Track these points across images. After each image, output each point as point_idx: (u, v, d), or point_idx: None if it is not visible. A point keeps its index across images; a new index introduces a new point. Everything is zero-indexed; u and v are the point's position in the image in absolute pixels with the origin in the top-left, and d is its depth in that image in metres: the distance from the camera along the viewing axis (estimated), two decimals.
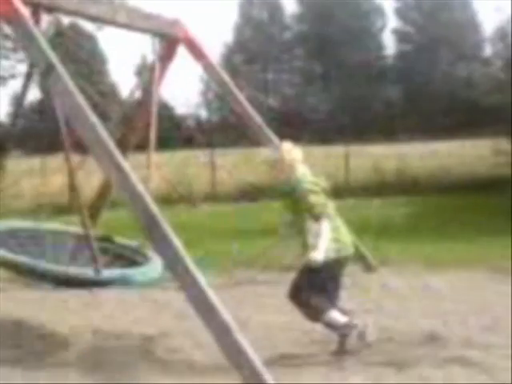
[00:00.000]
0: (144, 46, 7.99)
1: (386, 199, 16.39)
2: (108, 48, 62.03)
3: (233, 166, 21.10)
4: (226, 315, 3.90)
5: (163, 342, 6.15)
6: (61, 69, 4.33)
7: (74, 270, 6.09)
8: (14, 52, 17.84)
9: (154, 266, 6.92)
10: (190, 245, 4.74)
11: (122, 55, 71.28)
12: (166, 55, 7.84)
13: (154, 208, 4.09)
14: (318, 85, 66.10)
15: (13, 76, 19.23)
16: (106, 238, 7.72)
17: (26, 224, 7.71)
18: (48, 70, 4.36)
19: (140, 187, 4.14)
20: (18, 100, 6.03)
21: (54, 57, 4.38)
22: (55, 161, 19.17)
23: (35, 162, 20.20)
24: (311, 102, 65.05)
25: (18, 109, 6.02)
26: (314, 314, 5.63)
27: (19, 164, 19.85)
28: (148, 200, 4.11)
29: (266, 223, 13.36)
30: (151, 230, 4.07)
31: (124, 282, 6.36)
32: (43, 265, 6.04)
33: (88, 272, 6.00)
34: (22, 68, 18.40)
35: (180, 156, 24.00)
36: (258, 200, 17.32)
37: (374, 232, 10.55)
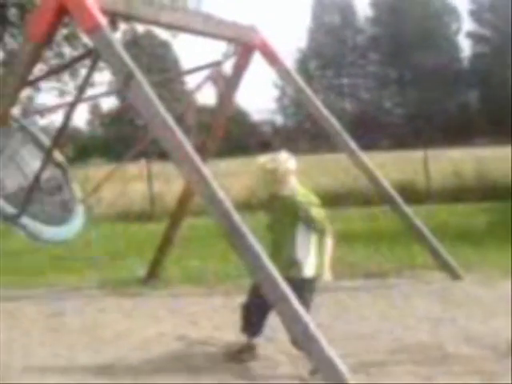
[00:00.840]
0: (218, 53, 8.02)
1: (466, 204, 16.00)
2: (182, 55, 62.90)
3: (309, 171, 20.99)
4: (311, 322, 3.84)
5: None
6: (140, 77, 4.36)
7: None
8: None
9: (69, 229, 6.81)
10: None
11: (197, 62, 71.97)
12: (242, 62, 7.84)
13: (235, 214, 4.07)
14: (392, 89, 65.55)
15: (92, 84, 19.53)
16: (60, 166, 7.46)
17: None
18: (128, 79, 4.39)
19: (220, 193, 4.13)
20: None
21: (133, 65, 4.41)
22: (135, 168, 19.56)
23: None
24: (387, 106, 64.57)
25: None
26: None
27: (101, 171, 20.29)
28: (228, 206, 4.10)
29: (343, 230, 13.25)
30: (232, 235, 4.06)
31: (32, 235, 6.19)
32: None
33: (9, 210, 5.88)
34: (101, 77, 18.72)
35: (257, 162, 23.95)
36: (334, 206, 17.19)
37: (455, 238, 10.33)
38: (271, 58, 7.91)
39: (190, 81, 76.62)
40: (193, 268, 9.42)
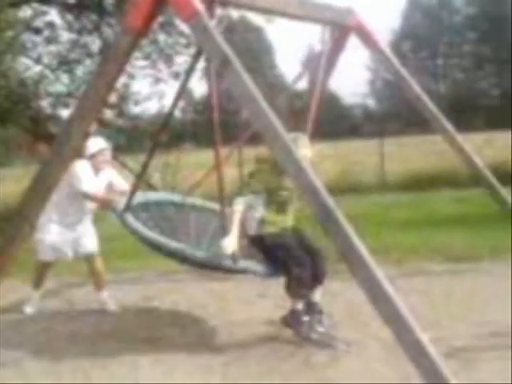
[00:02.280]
0: (311, 36, 7.96)
1: None
2: (274, 38, 62.78)
3: (400, 154, 20.78)
4: (403, 307, 3.84)
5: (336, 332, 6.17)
6: (237, 63, 4.42)
7: (211, 258, 6.01)
8: (186, 48, 18.38)
9: None
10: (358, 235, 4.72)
11: (288, 45, 71.84)
12: (337, 45, 7.77)
13: (328, 197, 4.09)
14: (489, 69, 63.81)
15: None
16: None
17: (169, 197, 7.68)
18: (224, 64, 4.45)
19: (314, 177, 4.15)
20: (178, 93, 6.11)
21: (229, 51, 4.47)
22: (226, 153, 19.72)
23: (207, 154, 20.73)
24: (482, 86, 62.93)
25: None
26: None
27: (192, 157, 20.60)
28: (322, 190, 4.12)
29: (434, 213, 13.10)
30: (326, 221, 4.08)
31: (258, 274, 6.16)
32: (175, 245, 6.05)
33: (226, 261, 5.80)
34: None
35: (348, 146, 23.92)
36: (428, 189, 16.99)
37: None
38: (367, 40, 7.81)
39: (282, 65, 76.65)
40: None
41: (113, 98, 20.18)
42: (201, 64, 5.86)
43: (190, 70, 6.03)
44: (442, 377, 3.76)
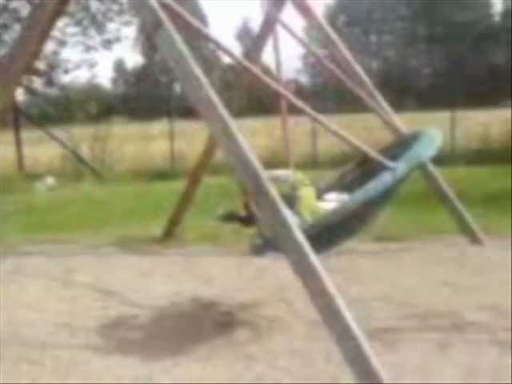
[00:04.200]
0: (245, 8, 7.83)
1: (491, 167, 15.55)
2: (208, 10, 62.40)
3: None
4: (330, 284, 3.79)
5: (261, 310, 6.10)
6: (169, 25, 4.27)
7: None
8: (119, 15, 18.06)
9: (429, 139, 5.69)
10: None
11: (223, 18, 71.52)
12: (271, 16, 7.62)
13: (262, 171, 4.01)
14: (421, 46, 64.70)
15: (118, 39, 19.51)
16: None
17: None
18: (156, 27, 4.31)
19: (248, 152, 4.06)
20: None
21: (162, 14, 4.32)
22: (157, 126, 19.55)
23: (138, 127, 20.44)
24: (414, 64, 63.78)
25: None
26: None
27: (123, 129, 20.26)
28: (256, 163, 4.03)
29: None
30: (258, 193, 4.00)
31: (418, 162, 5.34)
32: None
33: (386, 176, 4.94)
34: (127, 31, 18.62)
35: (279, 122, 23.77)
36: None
37: (478, 202, 10.12)
38: (304, 10, 7.68)
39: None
40: (209, 227, 9.24)
41: (41, 66, 19.74)
42: (133, 33, 5.68)
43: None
44: (365, 357, 3.74)
